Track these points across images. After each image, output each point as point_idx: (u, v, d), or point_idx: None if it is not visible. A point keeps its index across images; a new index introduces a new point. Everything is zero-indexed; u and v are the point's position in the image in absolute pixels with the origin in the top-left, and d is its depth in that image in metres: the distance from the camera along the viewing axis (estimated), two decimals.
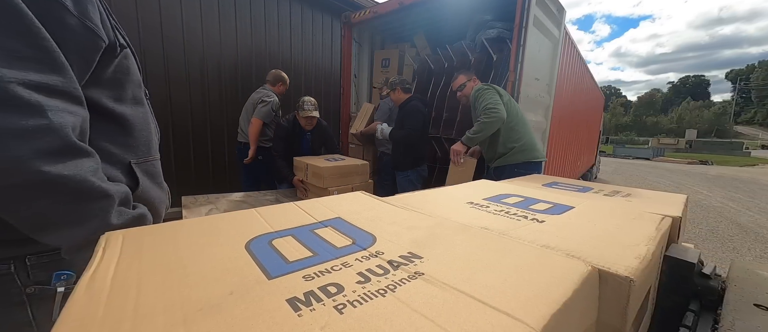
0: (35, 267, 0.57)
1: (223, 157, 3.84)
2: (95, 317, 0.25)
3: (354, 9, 3.90)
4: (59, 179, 0.46)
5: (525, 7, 2.32)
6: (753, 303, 0.52)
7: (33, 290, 0.58)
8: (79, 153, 0.49)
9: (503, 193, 0.74)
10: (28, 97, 0.43)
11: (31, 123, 0.43)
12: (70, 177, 0.47)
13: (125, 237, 0.41)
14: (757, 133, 69.06)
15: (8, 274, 0.56)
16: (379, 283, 0.30)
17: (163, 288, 0.29)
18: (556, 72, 3.09)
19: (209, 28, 3.51)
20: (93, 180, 0.51)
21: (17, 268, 0.56)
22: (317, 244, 0.40)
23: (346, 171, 2.56)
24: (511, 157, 2.18)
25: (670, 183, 10.35)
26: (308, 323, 0.24)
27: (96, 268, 0.33)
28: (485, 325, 0.24)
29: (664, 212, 0.60)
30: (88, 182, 0.50)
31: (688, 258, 0.55)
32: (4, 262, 0.55)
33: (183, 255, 0.36)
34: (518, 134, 2.19)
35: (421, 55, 3.69)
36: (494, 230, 0.47)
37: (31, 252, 0.57)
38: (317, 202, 0.59)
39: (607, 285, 0.35)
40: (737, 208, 6.59)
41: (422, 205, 0.60)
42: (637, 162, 20.35)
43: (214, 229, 0.45)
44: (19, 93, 0.43)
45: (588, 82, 6.08)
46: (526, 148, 2.19)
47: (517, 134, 2.19)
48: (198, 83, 3.51)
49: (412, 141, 2.70)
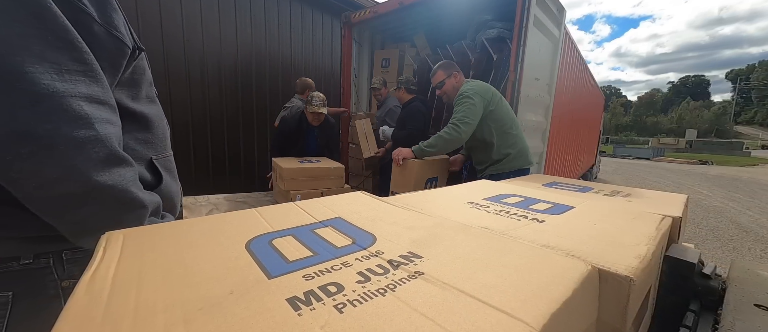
0: (70, 262, 0.60)
1: (224, 158, 3.84)
2: (96, 316, 0.25)
3: (354, 9, 3.90)
4: (106, 188, 0.49)
5: (525, 7, 2.32)
6: (753, 303, 0.52)
7: (68, 284, 0.60)
8: (121, 162, 0.52)
9: (503, 193, 0.74)
10: (79, 109, 0.46)
11: (83, 134, 0.46)
12: (115, 186, 0.51)
13: (126, 237, 0.41)
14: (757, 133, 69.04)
15: (47, 268, 0.59)
16: (379, 283, 0.30)
17: (164, 288, 0.29)
18: (556, 72, 3.08)
19: (209, 28, 3.51)
20: (133, 190, 0.54)
21: (55, 262, 0.59)
22: (317, 244, 0.40)
23: (314, 174, 2.32)
24: (507, 164, 2.05)
25: (670, 183, 10.35)
26: (308, 322, 0.24)
27: (96, 268, 0.33)
28: (485, 324, 0.24)
29: (665, 212, 0.60)
30: (129, 192, 0.53)
31: (689, 258, 0.55)
32: (44, 257, 0.58)
33: (183, 254, 0.36)
34: (514, 139, 2.08)
35: (421, 55, 3.68)
36: (494, 230, 0.47)
37: (67, 247, 0.60)
38: (317, 202, 0.59)
39: (607, 284, 0.35)
40: (737, 208, 6.59)
41: (422, 205, 0.60)
42: (637, 162, 20.35)
43: (215, 229, 0.45)
44: (72, 106, 0.45)
45: (588, 82, 6.08)
46: (522, 154, 2.10)
47: (512, 139, 2.07)
48: (198, 83, 3.51)
49: (414, 141, 2.71)
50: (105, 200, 0.50)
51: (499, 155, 2.06)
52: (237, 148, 3.90)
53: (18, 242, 0.56)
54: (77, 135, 0.45)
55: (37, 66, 0.43)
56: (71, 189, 0.47)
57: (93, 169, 0.48)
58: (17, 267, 0.56)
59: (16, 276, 0.57)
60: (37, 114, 0.42)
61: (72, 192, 0.47)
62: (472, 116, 1.94)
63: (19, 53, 0.42)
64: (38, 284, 0.59)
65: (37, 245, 0.57)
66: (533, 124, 2.92)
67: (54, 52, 0.45)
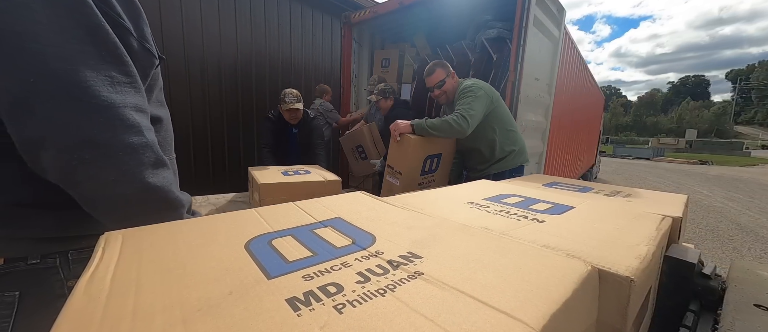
0: (76, 262, 0.62)
1: (224, 158, 3.84)
2: (94, 317, 0.25)
3: (354, 9, 3.90)
4: (155, 188, 0.54)
5: (525, 7, 2.32)
6: (753, 303, 0.52)
7: (73, 283, 0.59)
8: (164, 165, 0.57)
9: (503, 193, 0.74)
10: (131, 118, 0.51)
11: (135, 140, 0.51)
12: (162, 187, 0.56)
13: (125, 238, 0.41)
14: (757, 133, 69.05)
15: (54, 268, 0.60)
16: (379, 283, 0.30)
17: (163, 288, 0.29)
18: (556, 72, 3.09)
19: (209, 28, 3.51)
20: (173, 190, 0.59)
21: (61, 263, 0.61)
22: (317, 244, 0.40)
23: (300, 190, 1.74)
24: (511, 161, 2.07)
25: (670, 183, 10.35)
26: (308, 323, 0.24)
27: (95, 268, 0.33)
28: (485, 325, 0.24)
29: (665, 212, 0.60)
30: (171, 192, 0.58)
31: (689, 259, 0.55)
32: (51, 257, 0.60)
33: (182, 255, 0.36)
34: (515, 136, 2.11)
35: (421, 55, 3.68)
36: (494, 230, 0.47)
37: (73, 248, 0.61)
38: (317, 202, 0.59)
39: (608, 284, 0.35)
40: (737, 208, 6.59)
41: (422, 205, 0.60)
42: (637, 162, 20.35)
43: (214, 229, 0.45)
44: (127, 115, 0.50)
45: (588, 82, 6.08)
46: (523, 151, 2.13)
47: (514, 136, 2.10)
48: (198, 83, 3.51)
49: None
50: (152, 200, 0.55)
51: (503, 153, 2.05)
52: (237, 148, 3.90)
53: (28, 242, 0.57)
54: (132, 141, 0.50)
55: (96, 79, 0.47)
56: (126, 191, 0.52)
57: (145, 172, 0.53)
58: (24, 267, 0.58)
59: (23, 275, 0.58)
60: (99, 123, 0.47)
61: (126, 192, 0.52)
62: (478, 109, 1.86)
63: (82, 68, 0.46)
64: (45, 284, 0.60)
65: (45, 245, 0.59)
66: (533, 123, 2.92)
67: (107, 66, 0.49)
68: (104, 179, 0.49)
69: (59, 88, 0.45)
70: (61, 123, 0.45)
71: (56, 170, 0.47)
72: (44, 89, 0.44)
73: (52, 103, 0.44)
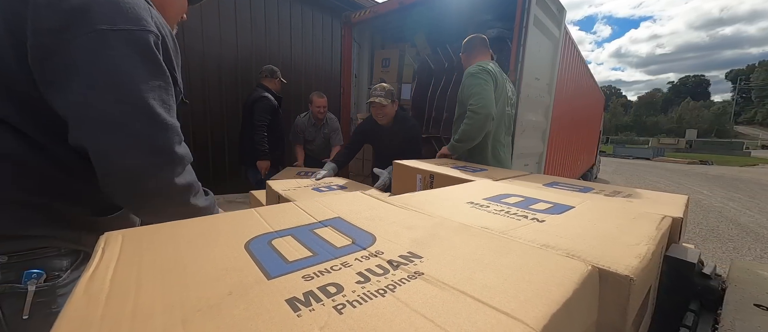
0: (5, 267, 0.59)
1: (224, 158, 3.84)
2: (94, 318, 0.25)
3: (354, 9, 3.90)
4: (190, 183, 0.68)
5: (525, 7, 2.31)
6: (753, 303, 0.52)
7: (3, 289, 0.59)
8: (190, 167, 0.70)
9: (503, 193, 0.74)
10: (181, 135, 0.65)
11: (182, 150, 0.64)
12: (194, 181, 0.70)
13: (124, 238, 0.41)
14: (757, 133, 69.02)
15: None
16: (379, 283, 0.30)
17: (162, 289, 0.29)
18: (556, 72, 3.08)
19: (209, 30, 3.51)
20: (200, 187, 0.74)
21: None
22: (317, 244, 0.40)
23: None
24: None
25: (670, 183, 10.35)
26: (307, 323, 0.24)
27: (95, 269, 0.33)
28: (485, 325, 0.24)
29: (665, 212, 0.60)
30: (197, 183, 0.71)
31: (689, 259, 0.55)
32: None
33: (182, 255, 0.36)
34: (508, 139, 2.00)
35: (421, 55, 3.68)
36: (494, 230, 0.47)
37: (2, 251, 0.59)
38: (317, 202, 0.59)
39: (607, 284, 0.35)
40: (737, 208, 6.59)
41: (422, 205, 0.60)
42: (637, 162, 20.35)
43: (214, 229, 0.45)
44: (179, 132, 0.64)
45: (588, 82, 6.08)
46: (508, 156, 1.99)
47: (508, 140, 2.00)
48: (198, 83, 3.51)
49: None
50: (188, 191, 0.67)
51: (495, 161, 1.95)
52: (237, 149, 3.90)
53: None
54: (180, 150, 0.63)
55: (164, 107, 0.61)
56: (177, 187, 0.63)
57: (187, 170, 0.66)
58: None
59: None
60: (167, 137, 0.60)
61: (176, 187, 0.63)
62: (483, 93, 1.72)
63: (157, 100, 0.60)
64: None
65: None
66: (533, 123, 2.92)
67: (170, 98, 0.63)
68: (166, 179, 0.61)
69: (144, 113, 0.58)
70: (144, 136, 0.58)
71: (131, 170, 0.57)
72: (135, 113, 0.57)
73: (139, 123, 0.57)
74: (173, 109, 0.65)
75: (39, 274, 0.61)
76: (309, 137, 3.31)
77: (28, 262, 0.61)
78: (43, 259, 0.62)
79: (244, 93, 3.80)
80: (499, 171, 1.28)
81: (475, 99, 1.76)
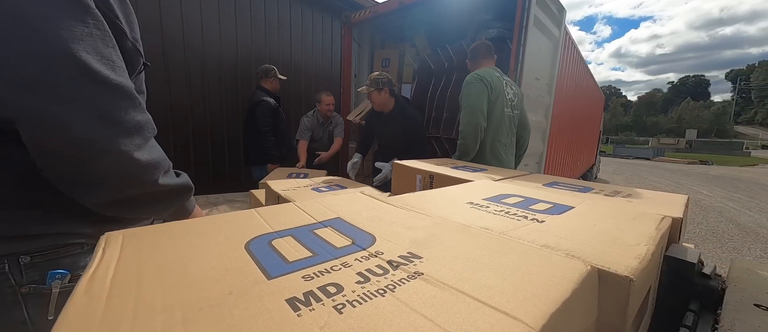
0: (29, 267, 0.57)
1: (224, 158, 3.84)
2: (95, 317, 0.25)
3: (354, 9, 3.90)
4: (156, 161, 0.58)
5: (525, 7, 2.32)
6: (753, 303, 0.52)
7: (28, 290, 0.58)
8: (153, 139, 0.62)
9: (503, 193, 0.74)
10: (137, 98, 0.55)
11: (141, 117, 0.55)
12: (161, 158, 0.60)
13: (125, 238, 0.41)
14: (757, 133, 69.02)
15: (3, 274, 0.56)
16: (379, 283, 0.30)
17: (163, 289, 0.29)
18: (556, 72, 3.09)
19: (209, 29, 3.51)
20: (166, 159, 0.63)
21: (11, 268, 0.56)
22: (317, 244, 0.40)
23: None
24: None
25: (670, 183, 10.35)
26: (307, 323, 0.24)
27: (95, 269, 0.33)
28: (484, 325, 0.24)
29: (665, 212, 0.60)
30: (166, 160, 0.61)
31: (688, 259, 0.55)
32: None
33: (182, 255, 0.36)
34: (511, 139, 2.06)
35: (421, 55, 3.68)
36: (494, 230, 0.47)
37: (23, 251, 0.57)
38: (317, 203, 0.59)
39: (607, 284, 0.35)
40: (737, 208, 6.59)
41: (422, 205, 0.60)
42: (637, 162, 20.35)
43: (214, 229, 0.45)
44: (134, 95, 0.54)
45: (588, 82, 6.08)
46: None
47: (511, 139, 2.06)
48: (198, 84, 3.51)
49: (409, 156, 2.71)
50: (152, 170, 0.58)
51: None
52: (237, 149, 3.90)
53: None
54: (139, 119, 0.54)
55: (105, 62, 0.50)
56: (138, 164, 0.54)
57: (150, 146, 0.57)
58: None
59: None
60: (114, 101, 0.50)
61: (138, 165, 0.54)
62: (470, 107, 1.86)
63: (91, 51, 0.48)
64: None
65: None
66: (533, 123, 2.91)
67: (110, 51, 0.52)
68: (120, 154, 0.51)
69: (76, 67, 0.46)
70: (81, 100, 0.47)
71: (71, 146, 0.47)
72: (62, 67, 0.45)
73: (70, 82, 0.46)
74: (119, 66, 0.53)
75: (63, 275, 0.60)
76: (316, 136, 3.40)
77: (52, 262, 0.60)
78: (67, 258, 0.60)
79: (244, 92, 3.80)
80: (499, 171, 1.28)
81: (463, 116, 1.93)
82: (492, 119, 1.97)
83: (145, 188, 0.57)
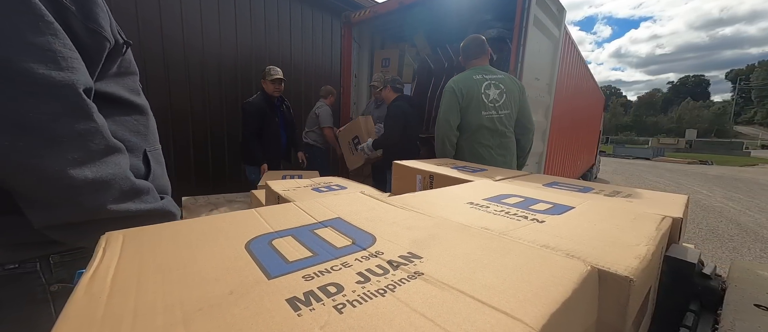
0: (58, 266, 0.60)
1: (224, 158, 3.84)
2: (95, 317, 0.25)
3: (354, 9, 3.90)
4: (105, 179, 0.49)
5: (525, 7, 2.32)
6: (753, 304, 0.52)
7: (56, 288, 0.60)
8: (117, 150, 0.52)
9: (503, 193, 0.74)
10: (78, 100, 0.45)
11: (82, 126, 0.45)
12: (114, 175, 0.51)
13: (125, 238, 0.41)
14: (757, 133, 68.99)
15: (34, 273, 0.58)
16: (379, 283, 0.30)
17: (163, 288, 0.29)
18: (556, 72, 3.09)
19: (209, 29, 3.51)
20: (129, 177, 0.54)
21: (42, 267, 0.59)
22: (317, 244, 0.40)
23: None
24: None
25: (670, 183, 10.35)
26: (308, 322, 0.24)
27: (96, 268, 0.33)
28: (484, 325, 0.24)
29: (665, 212, 0.60)
30: (126, 180, 0.53)
31: (689, 259, 0.55)
32: (31, 262, 0.58)
33: (183, 255, 0.36)
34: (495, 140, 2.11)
35: (421, 55, 3.69)
36: (494, 230, 0.47)
37: (54, 251, 0.59)
38: (317, 203, 0.59)
39: (607, 285, 0.35)
40: (737, 208, 6.59)
41: (422, 205, 0.60)
42: (637, 162, 20.35)
43: (214, 229, 0.45)
44: (71, 96, 0.44)
45: (588, 82, 6.07)
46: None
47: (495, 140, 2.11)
48: (198, 84, 3.51)
49: (392, 142, 2.76)
50: (105, 190, 0.49)
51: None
52: (237, 149, 3.91)
53: (4, 248, 0.55)
54: (78, 127, 0.45)
55: (36, 55, 0.41)
56: (72, 183, 0.46)
57: (95, 161, 0.47)
58: (1, 272, 0.55)
59: (1, 281, 0.56)
60: (35, 105, 0.41)
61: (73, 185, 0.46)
62: (440, 117, 2.09)
63: (15, 42, 0.40)
64: (24, 289, 0.58)
65: (23, 251, 0.56)
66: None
67: (49, 40, 0.43)
68: (45, 171, 0.42)
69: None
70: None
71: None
72: None
73: None
74: (64, 56, 0.44)
75: None
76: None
77: (79, 261, 0.61)
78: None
79: (244, 92, 3.81)
80: (498, 171, 1.28)
81: (435, 127, 2.16)
82: (468, 124, 2.09)
83: (87, 214, 0.47)
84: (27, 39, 0.41)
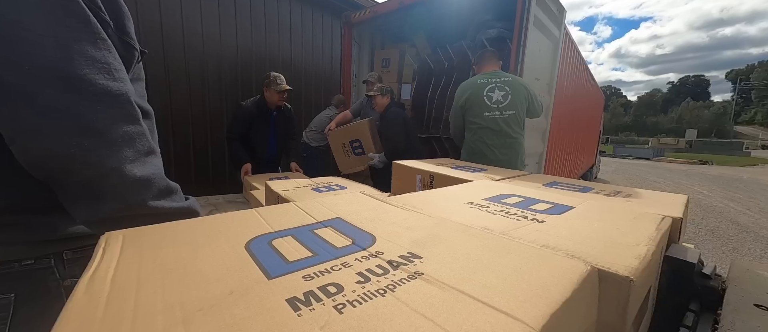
0: (71, 262, 0.62)
1: (224, 158, 3.84)
2: (95, 317, 0.25)
3: (354, 9, 3.90)
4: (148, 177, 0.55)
5: (525, 7, 2.32)
6: (753, 303, 0.52)
7: (70, 283, 0.62)
8: (155, 153, 0.58)
9: (503, 193, 0.74)
10: (128, 106, 0.52)
11: (132, 128, 0.52)
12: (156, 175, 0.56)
13: (125, 238, 0.41)
14: (757, 133, 68.96)
15: (49, 268, 0.60)
16: (379, 283, 0.30)
17: (163, 288, 0.29)
18: (556, 72, 3.09)
19: (209, 30, 3.51)
20: (165, 177, 0.59)
21: (56, 262, 0.61)
22: (317, 244, 0.40)
23: None
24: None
25: (670, 183, 10.36)
26: (308, 323, 0.24)
27: (96, 268, 0.33)
28: (484, 325, 0.24)
29: (665, 212, 0.60)
30: (164, 179, 0.58)
31: (689, 259, 0.55)
32: (46, 258, 0.60)
33: (183, 255, 0.36)
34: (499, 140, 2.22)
35: (421, 55, 3.68)
36: (494, 230, 0.47)
37: (68, 248, 0.62)
38: (317, 203, 0.59)
39: (607, 285, 0.35)
40: (737, 208, 6.59)
41: (422, 205, 0.60)
42: (637, 162, 20.36)
43: (214, 229, 0.45)
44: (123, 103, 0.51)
45: (588, 82, 6.08)
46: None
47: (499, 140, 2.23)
48: (198, 84, 3.51)
49: (400, 148, 2.75)
50: (147, 187, 0.54)
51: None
52: None
53: (21, 246, 0.58)
54: (128, 130, 0.51)
55: (93, 67, 0.48)
56: (123, 180, 0.51)
57: (141, 160, 0.53)
58: (19, 268, 0.58)
59: (17, 277, 0.58)
60: (98, 111, 0.48)
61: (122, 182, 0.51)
62: (451, 116, 2.35)
63: (77, 56, 0.46)
64: (40, 284, 0.60)
65: (39, 247, 0.59)
66: (533, 123, 2.92)
67: (103, 54, 0.50)
68: (104, 168, 0.48)
69: (57, 77, 0.45)
70: (61, 110, 0.45)
71: (52, 159, 0.46)
72: (42, 77, 0.44)
73: (51, 91, 0.44)
74: (116, 68, 0.51)
75: None
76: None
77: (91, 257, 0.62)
78: None
79: (244, 92, 3.80)
80: (499, 171, 1.28)
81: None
82: (472, 124, 2.26)
83: (130, 209, 0.52)
84: (89, 54, 0.48)
